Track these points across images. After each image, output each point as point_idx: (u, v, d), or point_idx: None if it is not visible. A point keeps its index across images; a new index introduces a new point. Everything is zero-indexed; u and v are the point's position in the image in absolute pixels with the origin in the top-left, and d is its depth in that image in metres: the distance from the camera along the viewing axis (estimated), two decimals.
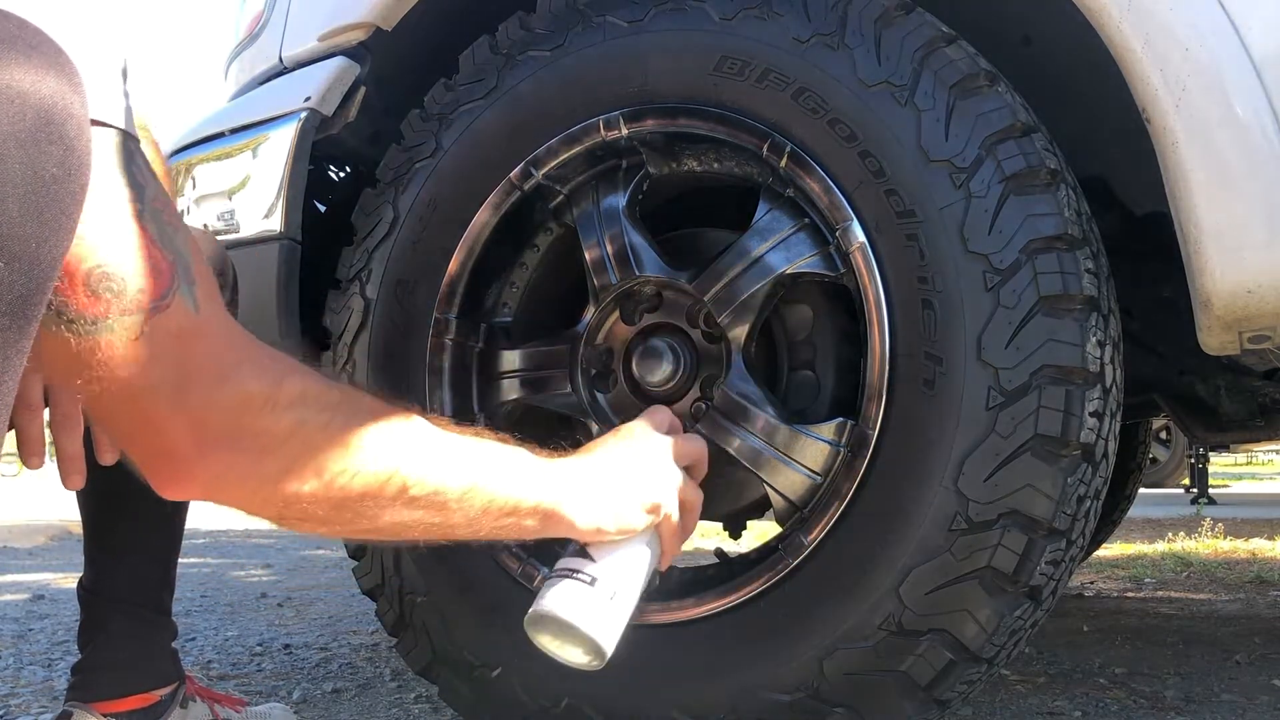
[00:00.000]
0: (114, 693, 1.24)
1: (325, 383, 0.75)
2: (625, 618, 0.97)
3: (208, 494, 0.71)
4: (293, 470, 0.72)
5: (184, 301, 0.64)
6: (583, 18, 1.31)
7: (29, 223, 0.51)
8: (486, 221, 1.35)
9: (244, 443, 0.69)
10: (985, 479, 1.04)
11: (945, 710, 1.13)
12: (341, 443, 0.74)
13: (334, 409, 0.74)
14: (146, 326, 0.62)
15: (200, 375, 0.66)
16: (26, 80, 0.51)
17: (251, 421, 0.69)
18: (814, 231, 1.19)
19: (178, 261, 0.64)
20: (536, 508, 0.89)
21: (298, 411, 0.71)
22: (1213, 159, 1.00)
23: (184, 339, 0.64)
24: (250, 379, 0.68)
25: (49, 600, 2.91)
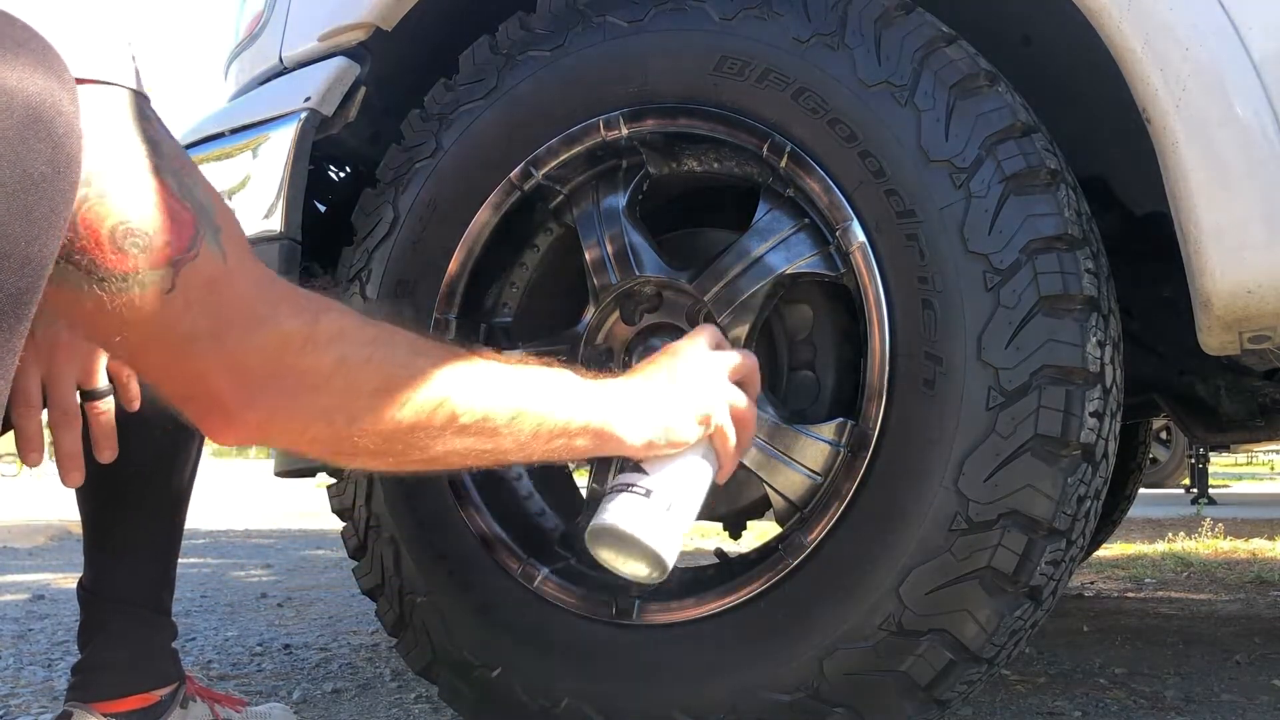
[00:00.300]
0: (114, 693, 1.24)
1: (362, 319, 0.75)
2: (683, 529, 0.97)
3: (262, 437, 0.72)
4: (340, 406, 0.73)
5: (211, 249, 0.65)
6: (583, 18, 1.31)
7: (18, 221, 0.51)
8: (486, 221, 1.35)
9: (288, 383, 0.70)
10: (985, 479, 1.04)
11: (945, 710, 1.13)
12: (386, 376, 0.74)
13: (374, 343, 0.74)
14: (177, 278, 0.63)
15: (235, 320, 0.66)
16: (13, 78, 0.51)
17: (293, 361, 0.69)
18: (814, 231, 1.19)
19: (200, 211, 0.64)
20: (586, 427, 0.89)
21: (338, 348, 0.71)
22: (1213, 159, 1.00)
23: (215, 286, 0.65)
24: (286, 319, 0.69)
25: (49, 600, 2.91)
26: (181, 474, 1.32)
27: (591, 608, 1.25)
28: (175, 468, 1.30)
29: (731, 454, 1.03)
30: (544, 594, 1.27)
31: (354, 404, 0.73)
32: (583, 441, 0.90)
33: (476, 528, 1.32)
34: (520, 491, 1.41)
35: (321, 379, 0.71)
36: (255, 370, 0.68)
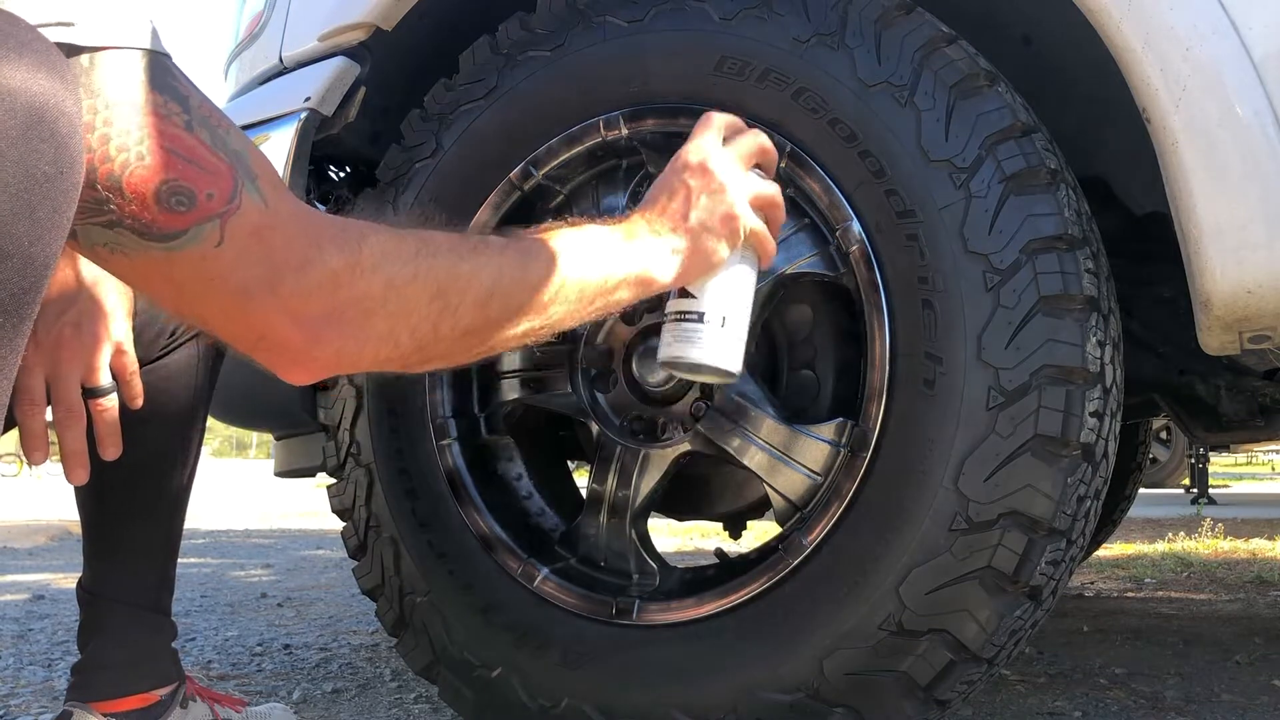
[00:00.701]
0: (114, 693, 1.24)
1: (399, 235, 0.77)
2: (744, 334, 1.00)
3: (336, 369, 0.76)
4: (400, 325, 0.75)
5: (252, 197, 0.66)
6: (583, 18, 1.31)
7: (21, 221, 0.51)
8: (486, 221, 1.35)
9: (347, 314, 0.72)
10: (985, 479, 1.04)
11: (945, 710, 1.13)
12: (435, 286, 0.77)
13: (417, 257, 0.76)
14: (225, 229, 0.64)
15: (286, 266, 0.68)
16: (17, 78, 0.51)
17: (346, 293, 0.71)
18: (814, 231, 1.19)
19: (236, 161, 0.66)
20: (625, 280, 0.91)
21: (384, 270, 0.73)
22: (1213, 159, 1.00)
23: (261, 234, 0.66)
24: (332, 255, 0.70)
25: (49, 600, 2.91)
26: (181, 474, 1.32)
27: (591, 607, 1.25)
28: (175, 468, 1.30)
29: (768, 245, 1.02)
30: (544, 594, 1.27)
31: (411, 320, 0.76)
32: (625, 293, 0.92)
33: (476, 528, 1.32)
34: (520, 491, 1.41)
35: (376, 304, 0.73)
36: (313, 310, 0.70)
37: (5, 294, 0.51)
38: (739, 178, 0.99)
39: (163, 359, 1.25)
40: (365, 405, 1.41)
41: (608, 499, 1.29)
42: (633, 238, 0.93)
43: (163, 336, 1.25)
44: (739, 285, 1.00)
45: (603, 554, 1.31)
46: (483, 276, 0.80)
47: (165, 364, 1.25)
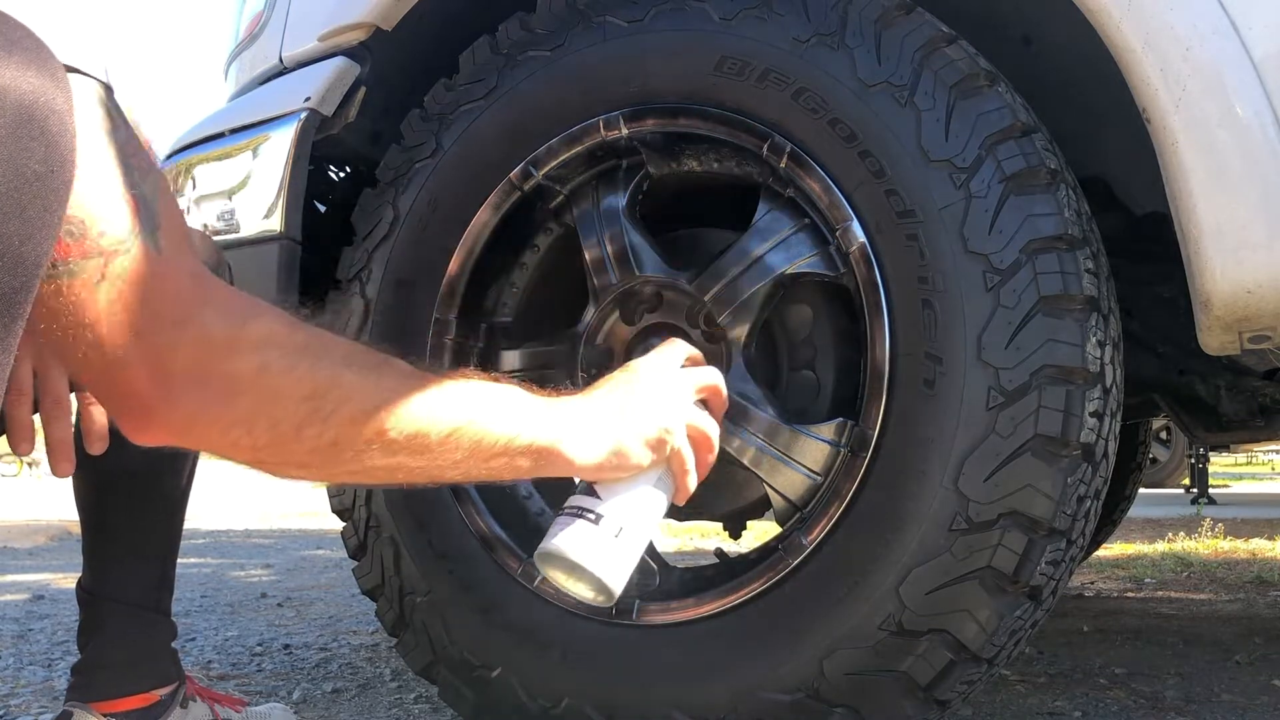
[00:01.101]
0: (114, 692, 1.24)
1: (293, 325, 0.73)
2: (635, 556, 0.95)
3: (181, 437, 0.71)
4: (263, 414, 0.71)
5: (146, 244, 0.63)
6: (583, 18, 1.31)
7: (12, 220, 0.51)
8: (486, 222, 1.35)
9: (210, 385, 0.68)
10: (985, 479, 1.04)
11: (945, 710, 1.13)
12: (310, 387, 0.72)
13: (302, 352, 0.72)
14: (108, 269, 0.61)
15: (161, 317, 0.65)
16: (7, 76, 0.51)
17: (215, 364, 0.68)
18: (814, 232, 1.19)
19: (141, 204, 0.63)
20: (530, 446, 0.85)
21: (262, 354, 0.70)
22: (1213, 159, 1.00)
23: (144, 281, 0.63)
24: (213, 321, 0.67)
25: (49, 600, 2.91)
26: (180, 474, 1.32)
27: (591, 608, 1.25)
28: (174, 468, 1.30)
29: (688, 478, 0.98)
30: (544, 594, 1.27)
31: (275, 412, 0.71)
32: (525, 461, 0.86)
33: (476, 528, 1.32)
34: (520, 491, 1.41)
35: (245, 384, 0.69)
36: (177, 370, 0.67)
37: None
38: (683, 403, 0.97)
39: None
40: None
41: None
42: (555, 409, 0.89)
43: None
44: (647, 505, 0.95)
45: None
46: (367, 392, 0.75)
47: None
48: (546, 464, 0.87)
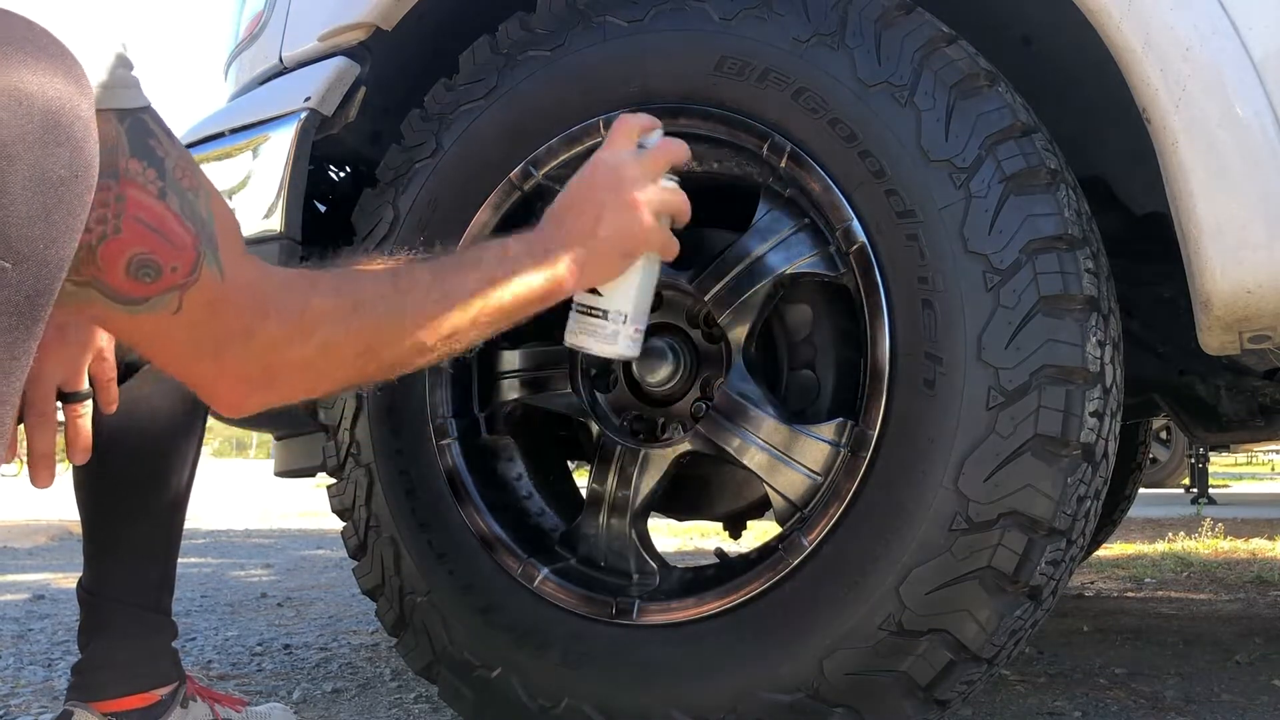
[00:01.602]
0: (114, 692, 1.24)
1: (338, 293, 0.83)
2: (644, 323, 1.10)
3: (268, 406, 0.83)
4: (326, 377, 0.84)
5: (210, 270, 0.71)
6: (583, 18, 1.31)
7: (37, 223, 0.52)
8: (486, 222, 1.35)
9: (280, 375, 0.80)
10: (985, 479, 1.04)
11: (945, 710, 1.13)
12: (363, 343, 0.84)
13: (351, 316, 0.82)
14: (182, 300, 0.70)
15: (232, 336, 0.75)
16: (34, 82, 0.52)
17: (282, 357, 0.78)
18: (814, 231, 1.19)
19: (201, 231, 0.70)
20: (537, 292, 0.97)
21: (320, 333, 0.80)
22: (1213, 159, 1.00)
23: (214, 306, 0.72)
24: (275, 326, 0.77)
25: (49, 600, 2.91)
26: (180, 474, 1.32)
27: (591, 608, 1.25)
28: (174, 468, 1.30)
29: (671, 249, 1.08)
30: (544, 594, 1.27)
31: (338, 373, 0.85)
32: (536, 306, 0.98)
33: (476, 528, 1.32)
34: (520, 491, 1.41)
35: (309, 363, 0.81)
36: (250, 374, 0.78)
37: (20, 295, 0.52)
38: (648, 192, 1.04)
39: None
40: (365, 405, 1.41)
41: (608, 499, 1.29)
42: (545, 251, 0.98)
43: None
44: (641, 285, 1.08)
45: (603, 554, 1.31)
46: (408, 323, 0.87)
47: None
48: (553, 297, 1.00)
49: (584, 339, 1.09)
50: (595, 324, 1.08)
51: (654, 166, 1.05)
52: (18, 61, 0.51)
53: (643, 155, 1.05)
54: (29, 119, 0.51)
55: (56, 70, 0.53)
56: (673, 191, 1.07)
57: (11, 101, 0.50)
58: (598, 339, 1.09)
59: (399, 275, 0.89)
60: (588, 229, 1.01)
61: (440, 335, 0.90)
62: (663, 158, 1.06)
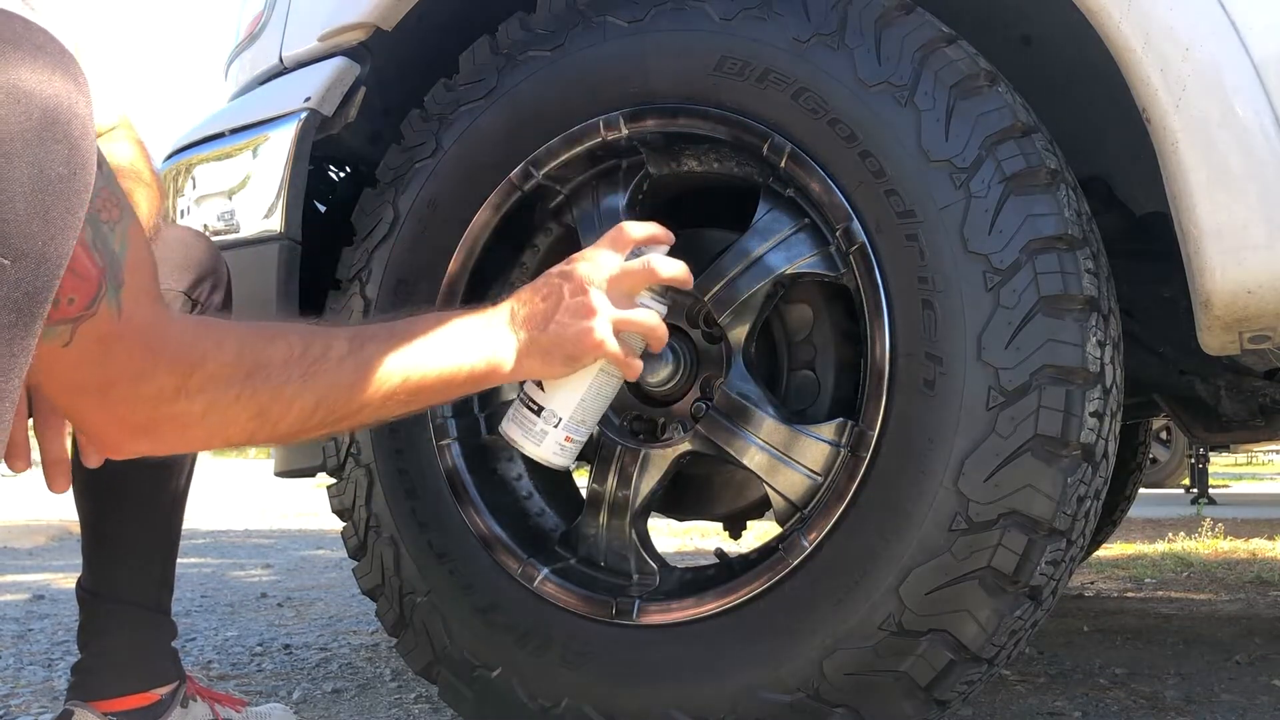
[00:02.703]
0: (114, 692, 1.24)
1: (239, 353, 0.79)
2: (580, 435, 1.06)
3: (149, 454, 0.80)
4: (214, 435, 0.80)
5: (108, 307, 0.68)
6: (583, 18, 1.31)
7: (35, 221, 0.52)
8: (487, 222, 1.35)
9: (164, 427, 0.77)
10: (985, 479, 1.04)
11: (945, 710, 1.13)
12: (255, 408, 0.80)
13: (245, 380, 0.79)
14: (74, 333, 0.66)
15: (120, 376, 0.72)
16: (33, 80, 0.52)
17: (167, 409, 0.75)
18: (814, 231, 1.19)
19: (108, 266, 0.67)
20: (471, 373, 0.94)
21: (209, 393, 0.77)
22: (1213, 159, 1.00)
23: (106, 342, 0.69)
24: (164, 373, 0.74)
25: (49, 600, 2.91)
26: (179, 474, 1.32)
27: (591, 608, 1.25)
28: (173, 468, 1.30)
29: (632, 368, 1.03)
30: (544, 594, 1.27)
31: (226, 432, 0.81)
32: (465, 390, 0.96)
33: (476, 528, 1.32)
34: (520, 491, 1.41)
35: (194, 420, 0.77)
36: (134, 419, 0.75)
37: (19, 293, 0.52)
38: (610, 305, 0.99)
39: None
40: None
41: (608, 499, 1.29)
42: (489, 331, 0.96)
43: None
44: (587, 396, 1.03)
45: (603, 554, 1.31)
46: (308, 396, 0.83)
47: None
48: (488, 380, 0.97)
49: (513, 430, 1.05)
50: (527, 418, 1.04)
51: (631, 280, 1.01)
52: (16, 60, 0.51)
53: (624, 265, 1.01)
54: (28, 117, 0.51)
55: (54, 69, 0.53)
56: (647, 312, 1.02)
57: (10, 99, 0.51)
58: (526, 434, 1.04)
59: (312, 343, 0.84)
60: (538, 321, 0.98)
61: (350, 408, 0.86)
62: (644, 274, 1.01)
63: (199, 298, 1.28)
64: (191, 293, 1.27)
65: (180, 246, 1.28)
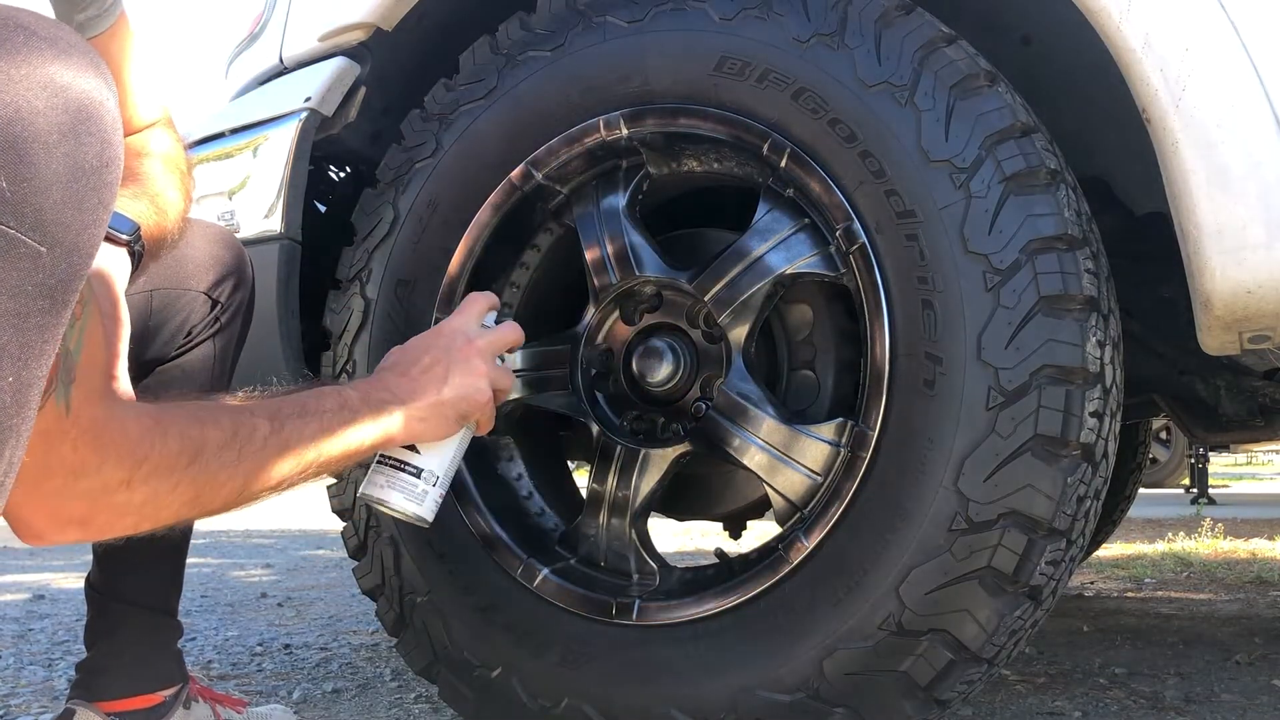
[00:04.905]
0: (118, 692, 1.25)
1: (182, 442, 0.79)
2: (446, 488, 1.10)
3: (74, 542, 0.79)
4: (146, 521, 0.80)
5: (56, 404, 0.66)
6: (583, 18, 1.31)
7: (69, 210, 0.53)
8: (487, 222, 1.35)
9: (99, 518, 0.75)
10: (985, 479, 1.04)
11: (945, 710, 1.13)
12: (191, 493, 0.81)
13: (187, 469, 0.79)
14: None
15: (58, 470, 0.70)
16: (68, 75, 0.54)
17: (107, 501, 0.74)
18: (814, 232, 1.19)
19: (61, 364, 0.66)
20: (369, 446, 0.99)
21: (152, 483, 0.77)
22: (1213, 159, 1.00)
23: (48, 437, 0.67)
24: (111, 469, 0.73)
25: (49, 600, 2.91)
26: None
27: (591, 607, 1.25)
28: None
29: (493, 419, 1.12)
30: (544, 594, 1.27)
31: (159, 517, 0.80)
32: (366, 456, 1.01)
33: (476, 528, 1.32)
34: (520, 491, 1.41)
35: (131, 509, 0.77)
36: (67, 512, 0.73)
37: (53, 280, 0.53)
38: (490, 366, 1.09)
39: (178, 358, 1.26)
40: None
41: (608, 499, 1.29)
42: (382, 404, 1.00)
43: (179, 335, 1.25)
44: (457, 451, 1.10)
45: (603, 554, 1.31)
46: (238, 478, 0.85)
47: (181, 363, 1.25)
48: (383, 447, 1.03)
49: (388, 493, 1.07)
50: (405, 480, 1.07)
51: (498, 344, 1.11)
52: (51, 56, 0.53)
53: (489, 333, 1.11)
54: (65, 111, 0.53)
55: (86, 66, 0.55)
56: (505, 372, 1.12)
57: (49, 94, 0.52)
58: (405, 495, 1.07)
59: (240, 424, 0.86)
60: (431, 387, 1.04)
61: (268, 485, 0.89)
62: (506, 338, 1.13)
63: (219, 297, 1.28)
64: (212, 293, 1.27)
65: (204, 244, 1.27)
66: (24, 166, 0.51)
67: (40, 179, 0.51)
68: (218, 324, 1.28)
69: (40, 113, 0.52)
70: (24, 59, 0.52)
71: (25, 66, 0.52)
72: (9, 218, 0.50)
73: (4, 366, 0.51)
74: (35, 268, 0.52)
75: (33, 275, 0.52)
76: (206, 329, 1.26)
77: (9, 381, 0.52)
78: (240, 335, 1.33)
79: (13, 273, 0.51)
